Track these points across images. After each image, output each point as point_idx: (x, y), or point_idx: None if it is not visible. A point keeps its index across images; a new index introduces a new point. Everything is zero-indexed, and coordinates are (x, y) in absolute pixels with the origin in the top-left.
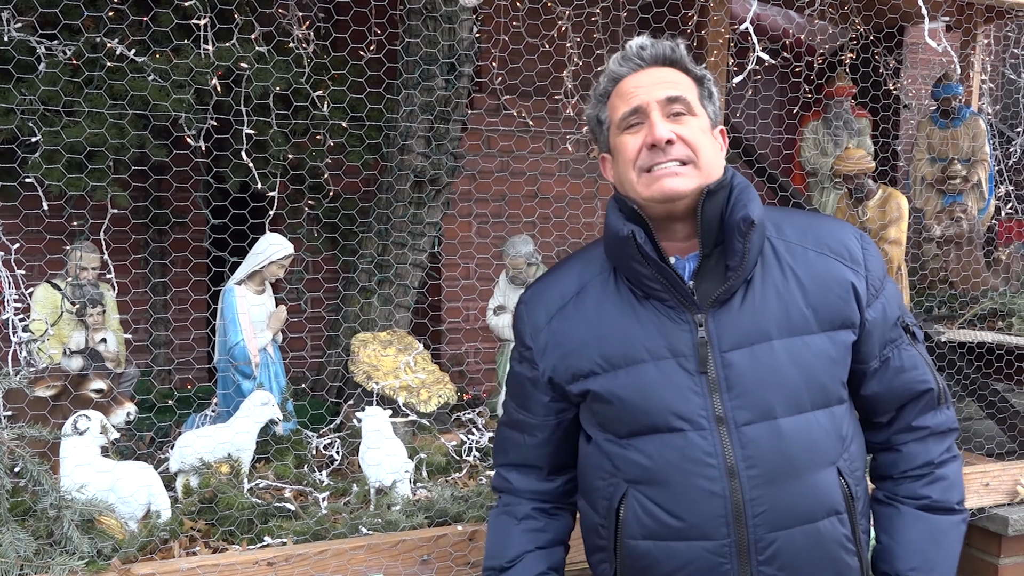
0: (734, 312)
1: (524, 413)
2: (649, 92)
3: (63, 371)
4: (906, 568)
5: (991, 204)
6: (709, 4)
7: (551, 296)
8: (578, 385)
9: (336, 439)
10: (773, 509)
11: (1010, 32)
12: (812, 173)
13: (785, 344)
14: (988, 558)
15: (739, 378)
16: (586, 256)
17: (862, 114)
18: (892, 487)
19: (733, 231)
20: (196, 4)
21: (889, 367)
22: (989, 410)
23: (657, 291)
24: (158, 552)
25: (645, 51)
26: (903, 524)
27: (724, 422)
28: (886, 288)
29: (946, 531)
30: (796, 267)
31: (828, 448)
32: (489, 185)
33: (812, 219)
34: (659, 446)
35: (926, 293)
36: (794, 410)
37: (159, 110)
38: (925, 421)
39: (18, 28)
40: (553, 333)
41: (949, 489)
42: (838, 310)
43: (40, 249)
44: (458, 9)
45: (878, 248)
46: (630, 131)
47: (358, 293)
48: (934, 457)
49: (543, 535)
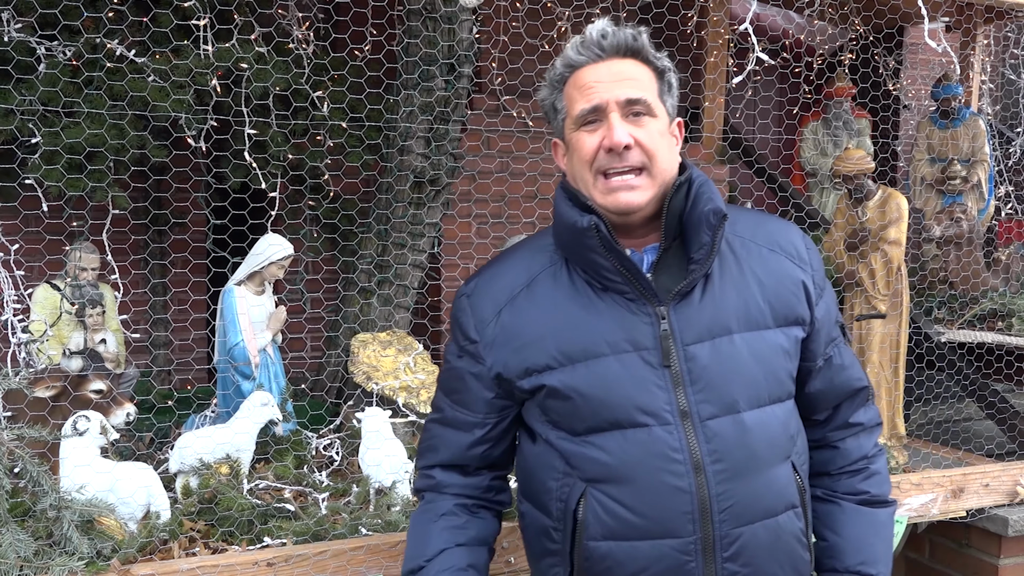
0: (695, 305)
1: (462, 410)
2: (609, 90)
3: (63, 372)
4: (855, 563)
5: (991, 204)
6: (709, 4)
7: (498, 288)
8: (531, 380)
9: (336, 440)
10: (739, 504)
11: (1010, 32)
12: (812, 173)
13: (745, 338)
14: (988, 559)
15: (702, 371)
16: (532, 246)
17: (862, 114)
18: (830, 483)
19: (700, 224)
20: (196, 5)
21: (832, 365)
22: (989, 411)
23: (617, 283)
24: (158, 553)
25: (606, 40)
26: (846, 520)
27: (689, 416)
28: (828, 286)
29: (884, 523)
30: (751, 263)
31: (784, 442)
32: (489, 186)
33: (760, 216)
34: (621, 442)
35: (926, 294)
36: (755, 404)
37: (159, 111)
38: (859, 417)
39: (18, 29)
40: (503, 327)
41: (883, 483)
42: (791, 307)
43: (39, 250)
44: (458, 10)
45: (878, 249)
46: (587, 128)
47: (358, 294)
48: (868, 452)
49: (464, 532)
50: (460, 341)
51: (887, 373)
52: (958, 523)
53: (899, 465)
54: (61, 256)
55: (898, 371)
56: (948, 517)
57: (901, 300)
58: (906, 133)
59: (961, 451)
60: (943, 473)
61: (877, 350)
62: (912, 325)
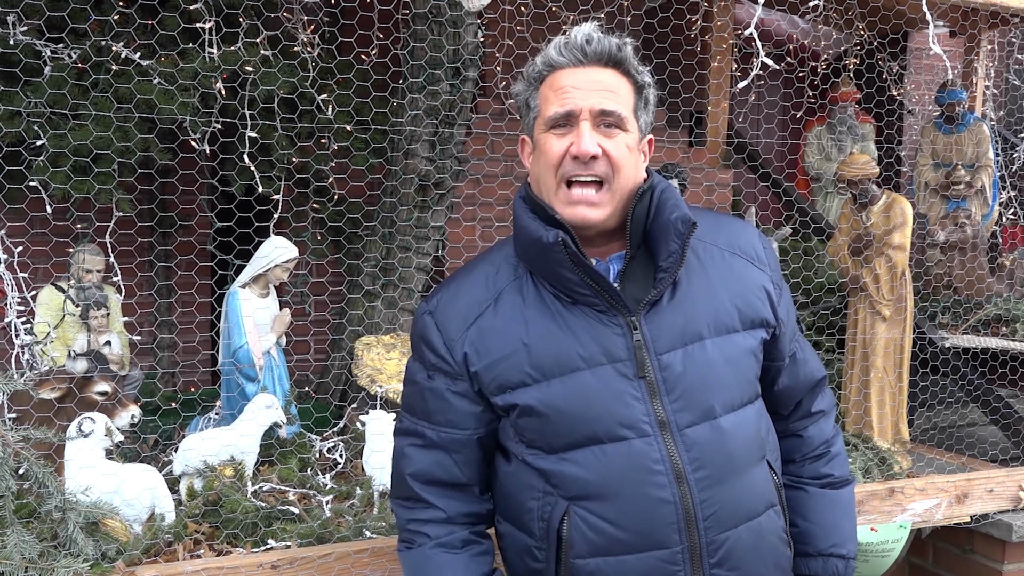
0: (665, 313)
1: (448, 430)
2: (585, 98)
3: (67, 374)
4: (828, 546)
5: (995, 209)
6: (713, 10)
7: (463, 304)
8: (505, 398)
9: (340, 442)
10: (722, 509)
11: (1014, 38)
12: (816, 178)
13: (716, 343)
14: (992, 564)
15: (677, 380)
16: (492, 260)
17: (866, 119)
18: (796, 470)
19: (668, 232)
20: (201, 8)
21: (796, 360)
22: (993, 416)
23: (586, 296)
24: (162, 555)
25: (590, 45)
26: (814, 505)
27: (667, 426)
28: (783, 284)
29: (848, 502)
30: (716, 267)
31: (758, 442)
32: (493, 189)
33: (717, 218)
34: (601, 457)
35: (930, 299)
36: (730, 407)
37: (164, 114)
38: (819, 404)
39: (24, 32)
40: (472, 344)
41: (843, 463)
42: (756, 309)
43: (44, 252)
44: (463, 14)
45: (882, 253)
46: (556, 131)
47: (362, 296)
48: (828, 436)
49: (488, 558)
50: (430, 360)
51: (891, 378)
52: (962, 528)
53: (903, 470)
54: (66, 258)
55: (902, 376)
56: (952, 522)
57: (905, 305)
58: (910, 138)
59: (965, 456)
60: (947, 478)
61: (881, 355)
62: (916, 330)
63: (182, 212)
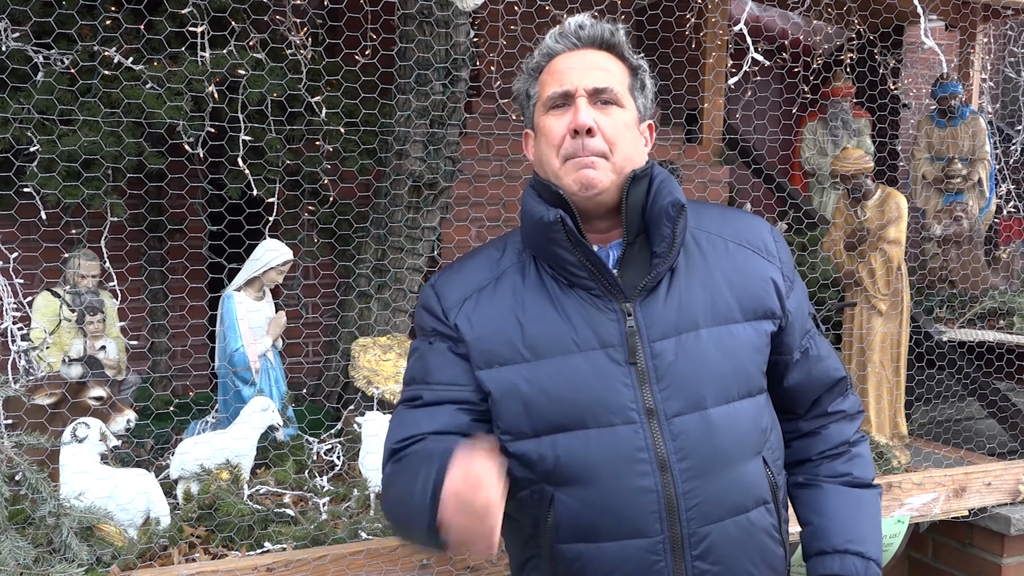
0: (661, 301)
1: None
2: (581, 77)
3: (62, 379)
4: (842, 542)
5: (991, 203)
6: (706, 6)
7: (465, 280)
8: (490, 373)
9: (336, 444)
10: (706, 502)
11: (1009, 30)
12: (811, 173)
13: (712, 333)
14: (991, 558)
15: (668, 368)
16: (498, 245)
17: (861, 114)
18: (812, 468)
19: (661, 217)
20: (192, 12)
21: (809, 357)
22: (991, 409)
23: (582, 279)
24: (157, 559)
25: (583, 31)
26: (829, 501)
27: (654, 414)
28: (797, 279)
29: (869, 502)
30: (718, 258)
31: (754, 438)
32: (487, 189)
33: (727, 212)
34: (584, 442)
35: (926, 292)
36: (722, 399)
37: (156, 118)
38: (839, 405)
39: (15, 37)
40: (466, 316)
41: (867, 466)
42: (760, 301)
43: (37, 257)
44: (453, 14)
45: (878, 248)
46: (555, 112)
47: (357, 298)
48: (849, 437)
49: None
50: (430, 325)
51: (888, 372)
52: (960, 522)
53: (901, 464)
54: (59, 264)
55: (899, 370)
56: (950, 516)
57: (901, 299)
58: (906, 132)
59: (963, 450)
60: (945, 472)
61: (878, 349)
62: (913, 324)
63: (175, 216)
